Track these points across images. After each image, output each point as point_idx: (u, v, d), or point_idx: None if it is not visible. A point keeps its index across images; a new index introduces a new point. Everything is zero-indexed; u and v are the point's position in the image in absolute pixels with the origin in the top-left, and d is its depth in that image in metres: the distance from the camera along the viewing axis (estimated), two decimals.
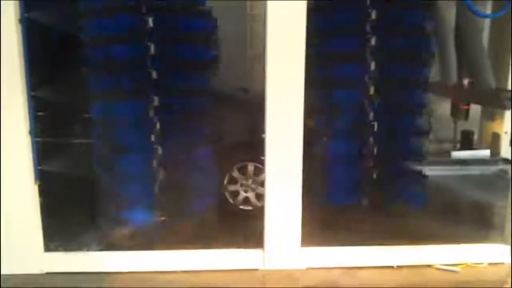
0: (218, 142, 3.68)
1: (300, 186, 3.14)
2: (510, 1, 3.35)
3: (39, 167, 3.19)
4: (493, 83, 5.04)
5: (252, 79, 4.69)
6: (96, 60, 3.32)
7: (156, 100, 3.43)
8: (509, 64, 5.61)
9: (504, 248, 3.42)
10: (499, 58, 5.69)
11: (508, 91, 5.04)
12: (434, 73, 5.80)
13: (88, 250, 3.39)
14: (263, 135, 3.13)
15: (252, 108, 3.61)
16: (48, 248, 3.27)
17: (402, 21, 3.68)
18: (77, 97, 4.00)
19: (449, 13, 5.34)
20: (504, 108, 4.99)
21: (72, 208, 3.86)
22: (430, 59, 3.91)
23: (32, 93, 3.12)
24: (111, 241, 3.51)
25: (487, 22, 5.61)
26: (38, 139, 3.18)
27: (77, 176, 3.91)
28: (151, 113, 3.44)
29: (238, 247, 3.36)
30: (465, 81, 5.40)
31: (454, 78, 5.40)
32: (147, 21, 3.33)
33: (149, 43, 3.35)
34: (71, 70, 3.78)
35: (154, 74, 3.41)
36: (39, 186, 3.18)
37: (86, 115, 4.39)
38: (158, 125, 3.44)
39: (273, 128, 3.08)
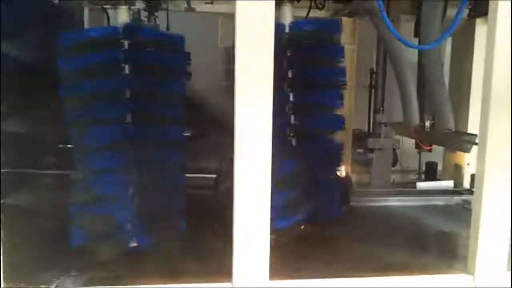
0: None
1: (268, 218, 3.16)
2: (445, 33, 3.59)
3: (2, 201, 3.10)
4: (453, 125, 5.22)
5: None
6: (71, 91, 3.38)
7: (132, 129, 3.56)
8: (468, 107, 5.88)
9: (467, 278, 3.49)
10: (459, 100, 5.96)
11: (468, 134, 5.24)
12: (398, 114, 6.06)
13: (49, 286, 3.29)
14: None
15: None
16: (8, 284, 3.14)
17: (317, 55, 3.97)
18: (45, 128, 3.97)
19: (410, 56, 5.59)
20: (464, 151, 5.17)
21: (34, 244, 3.77)
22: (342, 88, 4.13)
23: None
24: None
25: (447, 65, 5.90)
26: (2, 170, 3.12)
27: (42, 209, 3.85)
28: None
29: (207, 281, 3.32)
30: (427, 123, 5.61)
31: (416, 119, 5.60)
32: (123, 55, 3.45)
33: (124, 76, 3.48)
34: (40, 101, 3.76)
35: (132, 105, 3.53)
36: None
37: (54, 146, 4.35)
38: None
39: (242, 162, 3.10)
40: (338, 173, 4.47)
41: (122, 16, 3.58)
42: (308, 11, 4.52)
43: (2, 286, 3.08)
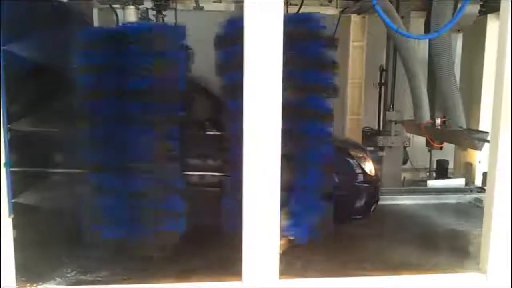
0: None
1: (277, 217, 3.15)
2: (447, 24, 3.51)
3: (14, 200, 3.13)
4: (464, 123, 5.17)
5: None
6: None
7: None
8: (479, 104, 5.81)
9: (479, 276, 3.45)
10: (470, 97, 5.90)
11: (480, 131, 5.18)
12: (408, 112, 5.99)
13: (60, 284, 3.33)
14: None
15: None
16: (20, 282, 3.19)
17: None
18: (54, 128, 4.00)
19: (420, 54, 5.53)
20: (476, 148, 5.10)
21: (46, 242, 3.80)
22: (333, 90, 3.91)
23: (9, 126, 3.09)
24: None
25: (458, 63, 5.84)
26: (14, 169, 3.13)
27: (53, 207, 3.87)
28: None
29: (217, 280, 3.32)
30: (438, 121, 5.55)
31: (427, 117, 5.54)
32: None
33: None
34: (49, 101, 3.79)
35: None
36: (13, 219, 3.11)
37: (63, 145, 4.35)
38: None
39: (251, 163, 3.09)
40: (368, 171, 4.34)
41: (130, 15, 3.59)
42: (300, 6, 4.46)
43: (2, 286, 3.11)
